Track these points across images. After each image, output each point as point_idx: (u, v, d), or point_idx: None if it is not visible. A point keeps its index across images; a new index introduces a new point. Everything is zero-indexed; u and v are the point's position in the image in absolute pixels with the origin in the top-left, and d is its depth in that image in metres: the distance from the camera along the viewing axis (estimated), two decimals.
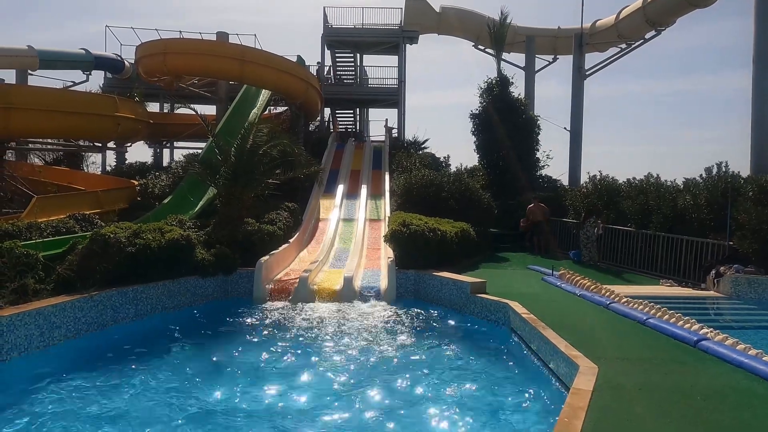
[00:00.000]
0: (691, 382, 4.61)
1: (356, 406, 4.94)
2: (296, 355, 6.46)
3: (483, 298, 8.33)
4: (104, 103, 15.71)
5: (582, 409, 3.71)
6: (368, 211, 15.62)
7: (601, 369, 4.66)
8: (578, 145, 20.14)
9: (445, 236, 10.90)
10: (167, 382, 5.56)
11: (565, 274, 9.94)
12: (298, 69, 19.67)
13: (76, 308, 6.77)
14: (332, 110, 28.45)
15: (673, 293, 9.47)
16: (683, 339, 5.84)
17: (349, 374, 5.78)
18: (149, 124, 17.94)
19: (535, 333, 6.19)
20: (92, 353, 6.42)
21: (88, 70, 21.52)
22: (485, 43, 23.65)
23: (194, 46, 18.17)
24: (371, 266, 11.68)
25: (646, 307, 7.21)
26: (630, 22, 21.78)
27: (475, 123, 19.25)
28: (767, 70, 13.42)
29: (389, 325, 7.84)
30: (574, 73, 20.63)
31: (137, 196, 14.74)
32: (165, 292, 8.38)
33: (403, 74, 25.35)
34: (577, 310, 7.59)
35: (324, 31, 25.00)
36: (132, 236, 8.12)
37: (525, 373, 5.89)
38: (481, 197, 14.91)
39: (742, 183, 11.33)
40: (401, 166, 18.32)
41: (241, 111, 18.40)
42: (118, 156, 20.54)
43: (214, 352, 6.59)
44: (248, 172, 11.14)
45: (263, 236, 11.00)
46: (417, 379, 5.65)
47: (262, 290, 9.64)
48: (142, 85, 20.46)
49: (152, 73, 17.81)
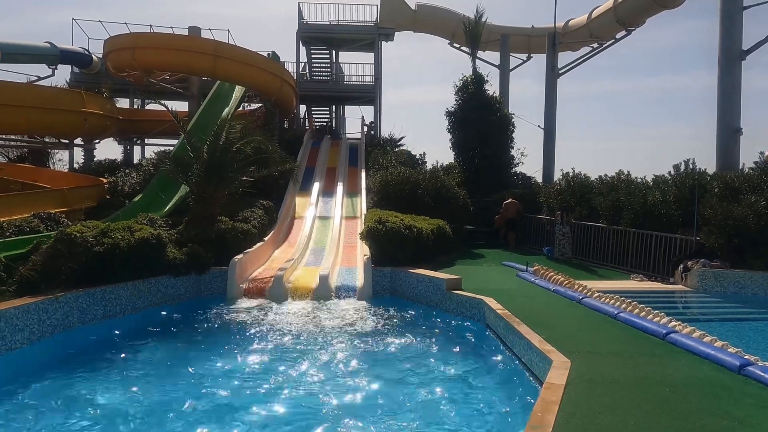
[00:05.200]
0: (659, 373, 4.71)
1: (324, 405, 4.88)
2: (266, 354, 6.36)
3: (459, 295, 8.36)
4: (70, 98, 15.22)
5: (555, 403, 3.75)
6: (344, 208, 15.54)
7: (574, 363, 4.72)
8: (552, 142, 20.41)
9: (421, 233, 10.92)
10: (132, 384, 5.42)
11: (539, 270, 10.06)
12: (272, 65, 19.43)
13: (40, 310, 6.53)
14: (308, 107, 28.23)
15: (643, 287, 9.70)
16: (653, 332, 5.97)
17: (319, 373, 5.72)
18: (118, 121, 17.49)
19: (509, 328, 6.25)
20: (58, 356, 6.23)
21: (53, 65, 20.77)
22: (460, 41, 23.78)
23: (165, 40, 17.76)
24: (348, 264, 11.62)
25: (617, 302, 7.35)
26: (601, 21, 22.20)
27: (451, 121, 19.32)
28: (731, 69, 13.81)
29: (364, 323, 7.80)
30: (547, 72, 20.88)
31: (106, 195, 14.33)
32: (135, 293, 8.17)
33: (379, 71, 25.29)
34: (550, 305, 7.69)
35: (299, 27, 24.73)
36: (100, 235, 7.89)
37: (500, 368, 5.93)
38: (456, 194, 15.00)
39: (708, 180, 11.66)
40: (377, 163, 18.28)
41: (214, 107, 18.09)
42: (87, 153, 19.93)
43: (181, 353, 6.47)
44: (221, 169, 10.94)
45: (237, 234, 10.84)
46: (389, 377, 5.63)
47: (236, 289, 9.50)
48: (111, 81, 19.90)
49: (121, 68, 17.35)
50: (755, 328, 7.25)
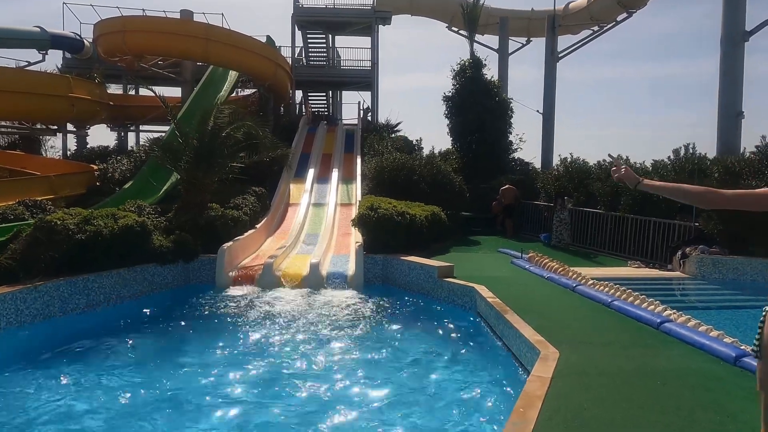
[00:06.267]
0: (651, 365, 4.53)
1: (308, 394, 4.73)
2: (250, 343, 6.21)
3: (450, 282, 8.18)
4: (57, 83, 14.92)
5: (539, 397, 3.56)
6: (339, 195, 15.32)
7: (563, 354, 4.53)
8: (551, 128, 20.08)
9: (414, 220, 10.70)
10: (109, 373, 5.26)
11: (534, 257, 9.87)
12: (266, 49, 19.07)
13: (18, 299, 6.37)
14: (304, 93, 27.85)
15: (640, 274, 9.50)
16: (647, 321, 5.78)
17: (306, 362, 5.56)
18: (109, 106, 17.21)
19: (499, 317, 6.06)
20: (36, 346, 6.07)
21: (43, 50, 20.38)
22: (458, 24, 23.31)
23: (155, 24, 17.40)
24: (341, 251, 11.44)
25: (612, 290, 7.16)
26: (601, 3, 21.75)
27: (449, 106, 18.97)
28: (734, 50, 13.47)
29: (354, 312, 7.63)
30: (547, 56, 20.46)
31: (96, 182, 14.11)
32: (120, 281, 7.99)
33: (376, 56, 24.89)
34: (543, 293, 7.50)
35: (294, 11, 24.27)
36: (82, 223, 7.69)
37: (489, 358, 5.75)
38: (452, 180, 14.74)
39: (708, 164, 11.40)
40: (373, 149, 18.01)
41: (207, 93, 17.76)
42: (79, 140, 19.64)
43: (163, 343, 6.31)
44: (210, 155, 10.71)
45: (227, 222, 10.64)
46: (374, 366, 5.47)
47: (225, 277, 9.32)
48: (103, 66, 19.56)
49: (112, 53, 17.03)
50: (753, 316, 6.96)
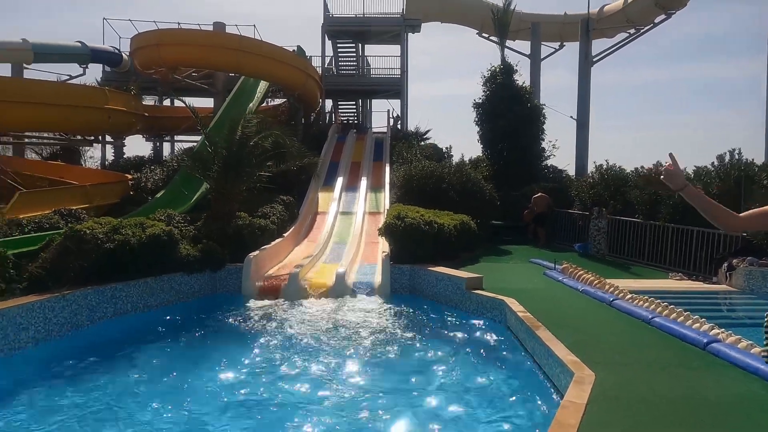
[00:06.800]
0: (698, 391, 4.15)
1: (327, 404, 4.55)
2: (272, 355, 6.09)
3: (479, 295, 7.89)
4: (93, 95, 15.38)
5: (572, 426, 3.27)
6: (368, 203, 15.20)
7: (599, 376, 4.21)
8: (585, 133, 19.52)
9: (442, 229, 10.46)
10: (138, 386, 5.23)
11: (567, 268, 9.47)
12: (296, 59, 19.22)
13: (46, 308, 6.43)
14: (334, 101, 27.98)
15: (683, 287, 8.97)
16: (692, 341, 5.36)
17: (323, 376, 5.40)
18: (144, 117, 17.62)
19: (530, 333, 5.76)
20: (63, 356, 6.10)
21: (84, 63, 21.13)
22: (489, 30, 22.97)
23: (189, 36, 17.77)
24: (368, 260, 11.28)
25: (652, 305, 6.73)
26: (638, 5, 21.06)
27: (479, 112, 18.66)
28: None
29: (377, 324, 7.43)
30: (580, 60, 19.95)
31: (130, 191, 14.40)
32: (147, 290, 8.04)
33: (406, 64, 24.80)
34: (577, 307, 7.13)
35: (324, 21, 24.47)
36: (111, 232, 7.78)
37: (519, 377, 5.43)
38: (483, 188, 14.42)
39: (756, 171, 10.75)
40: (402, 157, 17.85)
41: (238, 103, 17.98)
42: (116, 150, 20.21)
43: (187, 353, 6.28)
44: (238, 164, 10.76)
45: (254, 230, 10.63)
46: (395, 384, 5.22)
47: (251, 286, 9.28)
48: (140, 78, 20.10)
49: (148, 65, 17.44)
50: None
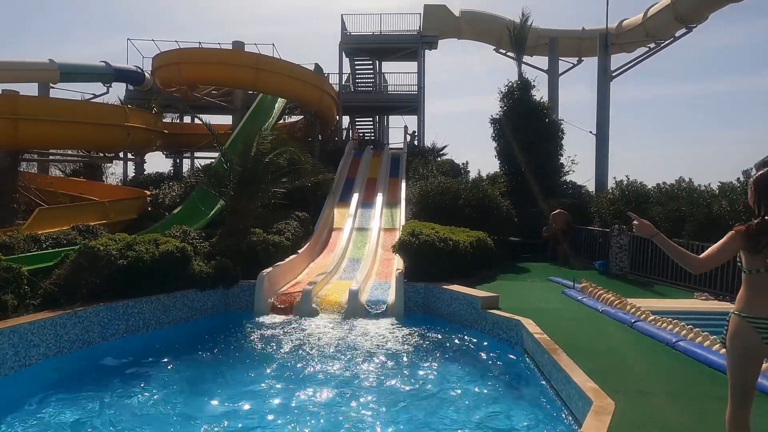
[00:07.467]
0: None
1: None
2: (279, 376, 5.96)
3: (494, 315, 7.66)
4: (113, 113, 15.73)
5: None
6: (383, 220, 15.10)
7: (619, 406, 3.97)
8: (605, 149, 19.20)
9: (457, 246, 10.27)
10: (149, 405, 5.14)
11: (587, 287, 9.18)
12: (312, 76, 19.41)
13: (57, 325, 6.43)
14: (351, 118, 28.16)
15: (709, 308, 8.58)
16: (719, 367, 5.05)
17: (335, 396, 5.24)
18: (163, 135, 17.91)
19: (547, 357, 5.52)
20: (74, 373, 6.07)
21: (108, 83, 21.78)
22: (506, 46, 22.95)
23: (208, 55, 18.13)
24: (383, 278, 11.13)
25: (677, 327, 6.43)
26: (658, 19, 20.82)
27: (496, 128, 18.54)
28: None
29: (390, 344, 7.26)
30: (599, 75, 19.72)
31: (148, 207, 14.57)
32: (159, 307, 8.01)
33: (423, 80, 24.87)
34: (597, 329, 6.85)
35: (342, 39, 24.76)
36: (124, 248, 7.80)
37: (535, 404, 5.18)
38: (500, 204, 14.21)
39: None
40: (418, 173, 17.76)
41: (256, 120, 18.18)
42: (137, 167, 20.60)
43: (198, 371, 6.17)
44: (253, 181, 10.79)
45: (268, 247, 10.60)
46: (401, 411, 5.03)
47: (263, 304, 9.21)
48: (161, 97, 20.53)
49: (168, 83, 17.81)
50: None
